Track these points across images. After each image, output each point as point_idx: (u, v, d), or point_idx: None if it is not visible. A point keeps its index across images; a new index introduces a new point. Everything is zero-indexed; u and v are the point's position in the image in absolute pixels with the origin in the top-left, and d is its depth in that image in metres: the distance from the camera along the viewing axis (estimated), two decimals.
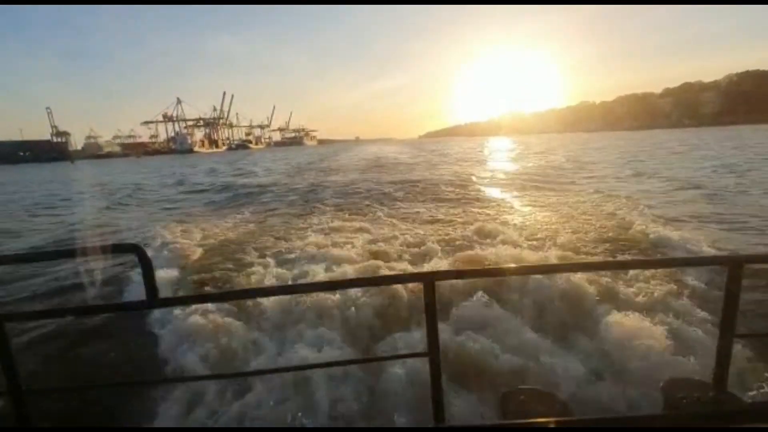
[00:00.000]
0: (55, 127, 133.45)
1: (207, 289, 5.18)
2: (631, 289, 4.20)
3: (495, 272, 3.33)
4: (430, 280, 1.63)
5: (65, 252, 3.33)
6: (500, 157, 33.30)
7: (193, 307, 4.17)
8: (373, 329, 3.79)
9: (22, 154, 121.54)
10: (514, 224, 7.80)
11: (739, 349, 2.74)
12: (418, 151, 47.48)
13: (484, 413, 2.81)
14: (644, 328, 3.33)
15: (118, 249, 3.04)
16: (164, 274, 5.50)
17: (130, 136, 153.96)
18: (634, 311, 3.59)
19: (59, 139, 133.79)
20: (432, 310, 1.63)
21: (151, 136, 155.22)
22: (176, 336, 3.91)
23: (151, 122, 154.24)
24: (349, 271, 5.20)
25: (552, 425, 1.50)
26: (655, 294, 4.03)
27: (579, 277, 4.17)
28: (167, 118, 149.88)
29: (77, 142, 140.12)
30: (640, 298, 3.99)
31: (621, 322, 3.45)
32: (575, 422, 1.69)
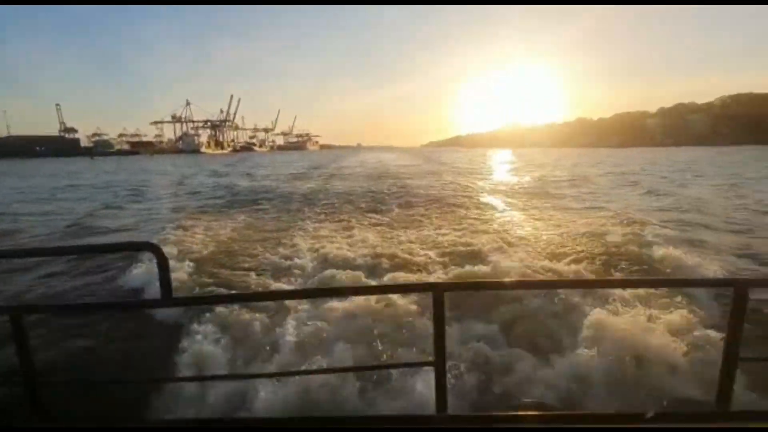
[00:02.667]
0: (63, 123, 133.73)
1: (217, 289, 5.17)
2: (636, 308, 4.07)
3: (503, 285, 3.34)
4: (439, 290, 1.63)
5: (83, 248, 3.35)
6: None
7: (206, 306, 4.17)
8: (378, 337, 3.78)
9: (38, 148, 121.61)
10: (521, 238, 7.76)
11: (743, 372, 2.68)
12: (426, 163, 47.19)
13: None
14: (648, 348, 3.31)
15: (135, 247, 3.05)
16: (174, 274, 5.50)
17: (135, 135, 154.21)
18: (638, 330, 3.54)
19: (69, 135, 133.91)
20: (440, 320, 1.63)
21: (156, 136, 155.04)
22: (189, 335, 3.90)
23: (160, 122, 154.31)
24: (355, 278, 5.20)
25: (548, 417, 1.48)
26: (660, 314, 3.95)
27: (582, 294, 4.16)
28: (176, 119, 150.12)
29: (83, 139, 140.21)
30: (643, 318, 3.89)
31: (624, 341, 3.42)
32: (572, 417, 1.68)
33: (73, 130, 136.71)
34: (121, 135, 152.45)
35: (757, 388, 2.78)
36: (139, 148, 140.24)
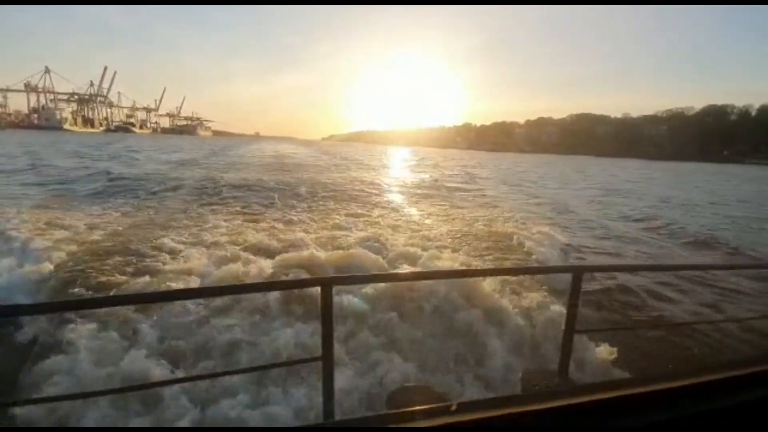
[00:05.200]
0: None
1: (72, 293, 4.16)
2: (504, 293, 4.43)
3: (390, 278, 3.35)
4: (327, 284, 1.61)
5: None
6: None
7: (43, 318, 3.32)
8: (265, 335, 3.48)
9: None
10: (409, 231, 7.92)
11: (580, 343, 3.13)
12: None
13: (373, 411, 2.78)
14: (507, 326, 3.69)
15: None
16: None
17: None
18: (501, 311, 3.92)
19: None
20: (328, 314, 1.60)
21: None
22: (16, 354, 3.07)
23: (7, 90, 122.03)
24: (239, 274, 4.73)
25: (427, 412, 1.51)
26: (517, 297, 4.41)
27: (459, 283, 4.40)
28: (31, 88, 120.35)
29: None
30: (505, 301, 4.27)
31: (489, 321, 3.75)
32: (447, 407, 1.73)
33: None
34: None
35: (588, 352, 3.31)
36: None
